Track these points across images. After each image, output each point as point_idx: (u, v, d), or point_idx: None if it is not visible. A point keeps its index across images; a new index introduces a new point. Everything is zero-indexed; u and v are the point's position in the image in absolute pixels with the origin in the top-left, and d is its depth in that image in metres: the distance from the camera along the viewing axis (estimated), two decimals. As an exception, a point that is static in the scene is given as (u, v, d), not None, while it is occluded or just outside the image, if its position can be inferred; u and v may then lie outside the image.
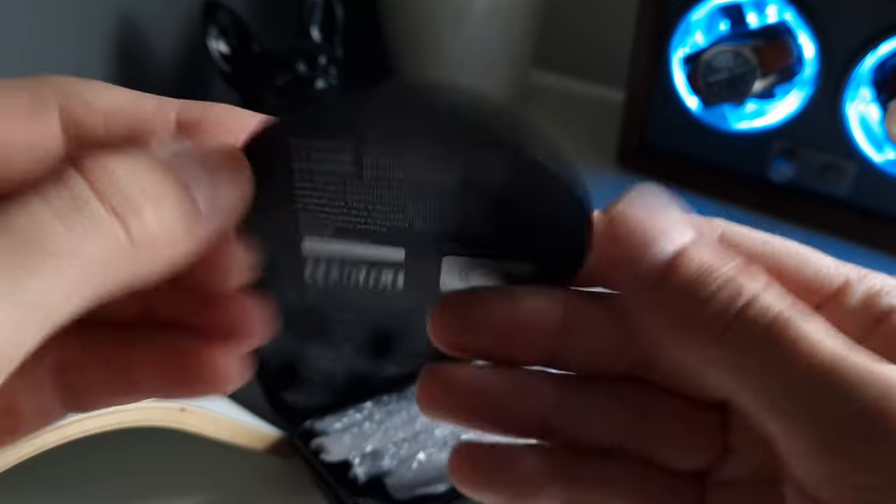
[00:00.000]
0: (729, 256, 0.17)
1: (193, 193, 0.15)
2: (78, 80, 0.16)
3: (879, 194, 0.58)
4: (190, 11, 0.66)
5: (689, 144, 0.65)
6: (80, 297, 0.13)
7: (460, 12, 0.68)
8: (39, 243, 0.13)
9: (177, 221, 0.15)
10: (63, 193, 0.13)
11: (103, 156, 0.14)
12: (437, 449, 0.35)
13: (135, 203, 0.14)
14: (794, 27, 0.57)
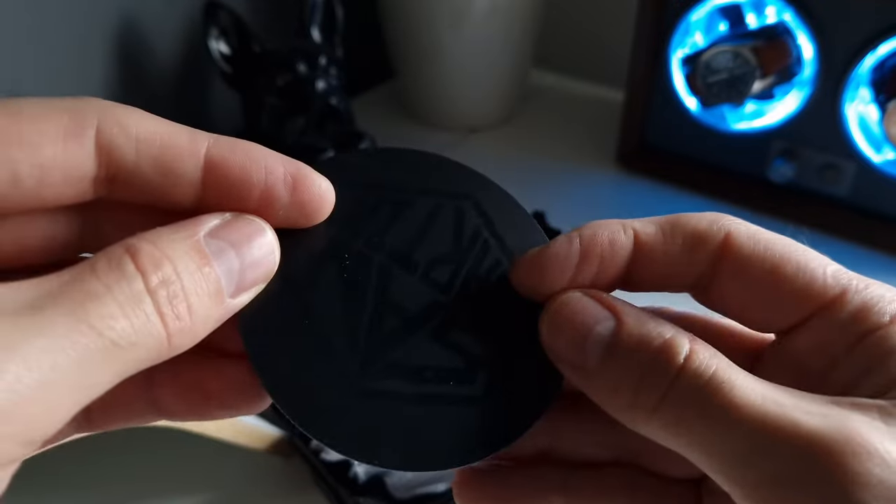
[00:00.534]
0: (651, 330, 0.17)
1: (226, 278, 0.16)
2: (117, 106, 0.17)
3: (878, 194, 0.59)
4: (190, 12, 0.66)
5: (688, 145, 0.65)
6: (121, 376, 0.14)
7: (460, 12, 0.68)
8: (105, 331, 0.14)
9: (211, 308, 0.16)
10: (122, 284, 0.14)
11: (152, 245, 0.15)
12: None
13: (178, 302, 0.15)
14: (793, 28, 0.57)
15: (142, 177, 0.16)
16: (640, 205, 0.66)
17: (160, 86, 0.68)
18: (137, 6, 0.63)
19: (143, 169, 0.16)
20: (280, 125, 0.61)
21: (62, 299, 0.14)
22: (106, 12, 0.62)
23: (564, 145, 0.74)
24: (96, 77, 0.63)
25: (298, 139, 0.61)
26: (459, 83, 0.73)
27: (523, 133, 0.77)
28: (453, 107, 0.75)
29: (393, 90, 0.82)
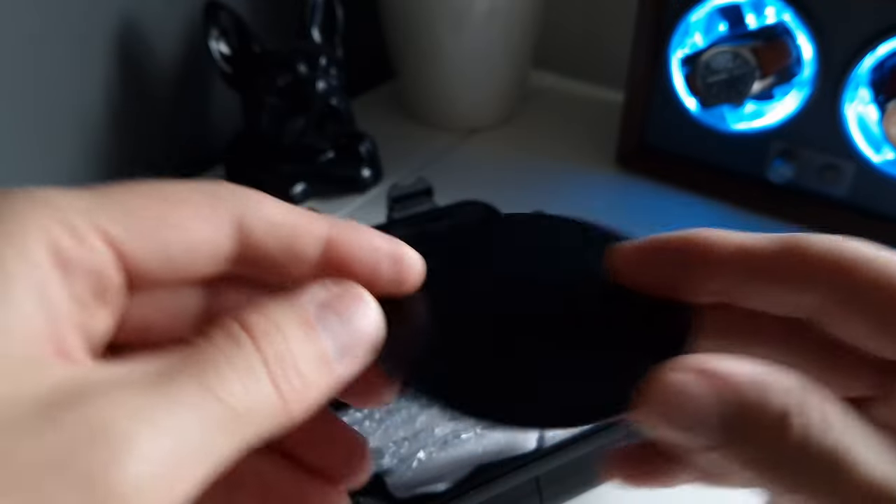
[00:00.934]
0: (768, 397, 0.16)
1: (333, 346, 0.17)
2: (248, 192, 0.18)
3: (878, 195, 0.59)
4: (191, 12, 0.67)
5: (688, 145, 0.65)
6: (242, 445, 0.15)
7: (460, 13, 0.68)
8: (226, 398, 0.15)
9: (320, 374, 0.17)
10: (237, 352, 0.15)
11: (263, 316, 0.16)
12: (438, 448, 0.35)
13: (288, 368, 0.16)
14: (793, 28, 0.57)
15: (268, 256, 0.18)
16: (640, 205, 0.66)
17: (160, 86, 0.68)
18: (138, 7, 0.63)
19: (270, 249, 0.18)
20: (280, 125, 0.61)
21: (185, 370, 0.15)
22: (106, 13, 0.62)
23: (564, 146, 0.74)
24: (97, 77, 0.63)
25: (298, 139, 0.61)
26: (459, 84, 0.74)
27: (523, 133, 0.77)
28: (453, 107, 0.76)
29: (393, 91, 0.82)
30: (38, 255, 0.16)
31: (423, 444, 0.35)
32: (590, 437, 0.35)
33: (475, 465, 0.34)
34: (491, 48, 0.71)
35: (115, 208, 0.17)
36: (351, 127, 0.64)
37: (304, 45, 0.63)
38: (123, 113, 0.66)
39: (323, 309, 0.17)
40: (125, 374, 0.15)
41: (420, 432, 0.37)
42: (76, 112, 0.62)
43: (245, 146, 0.67)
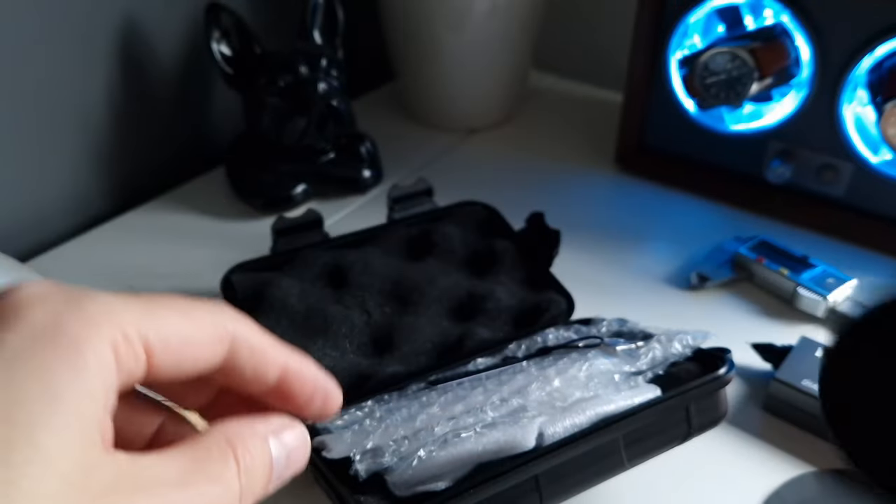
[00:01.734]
0: None
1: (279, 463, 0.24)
2: (242, 320, 0.24)
3: (875, 195, 0.59)
4: (192, 13, 0.67)
5: (686, 146, 0.66)
6: None
7: (460, 14, 0.69)
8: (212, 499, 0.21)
9: (267, 483, 0.23)
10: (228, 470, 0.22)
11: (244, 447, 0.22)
12: (438, 446, 0.35)
13: (252, 479, 0.22)
14: (791, 29, 0.57)
15: (241, 373, 0.24)
16: (638, 206, 0.66)
17: (162, 87, 0.68)
18: (140, 7, 0.64)
19: (246, 370, 0.24)
20: (281, 126, 0.61)
21: (195, 478, 0.21)
22: (108, 14, 0.62)
23: (563, 146, 0.74)
24: (99, 78, 0.63)
25: (299, 140, 0.62)
26: (459, 84, 0.74)
27: (523, 134, 0.77)
28: (453, 108, 0.76)
29: (393, 92, 0.83)
30: (107, 356, 0.20)
31: (422, 443, 0.35)
32: (589, 436, 0.35)
33: (475, 464, 0.34)
34: (491, 49, 0.72)
35: (155, 322, 0.21)
36: (351, 128, 0.64)
37: (305, 47, 0.63)
38: (125, 113, 0.66)
39: (275, 434, 0.24)
40: (156, 473, 0.20)
41: (420, 431, 0.37)
42: (78, 112, 0.63)
43: (246, 146, 0.67)
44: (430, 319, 0.47)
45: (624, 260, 0.59)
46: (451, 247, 0.52)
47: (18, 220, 0.62)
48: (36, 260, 0.59)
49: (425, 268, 0.50)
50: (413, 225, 0.54)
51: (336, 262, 0.50)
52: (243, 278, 0.48)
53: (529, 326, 0.47)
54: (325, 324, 0.46)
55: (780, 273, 0.54)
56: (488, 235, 0.54)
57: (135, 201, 0.67)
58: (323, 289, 0.49)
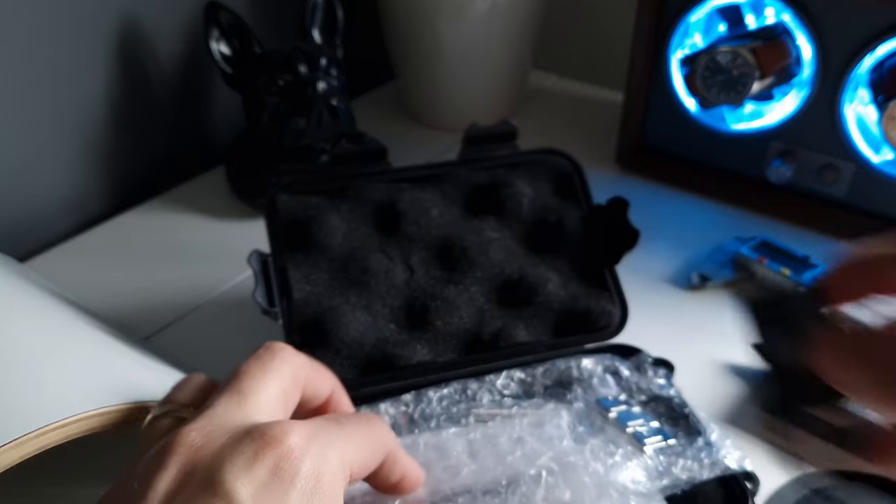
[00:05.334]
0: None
1: None
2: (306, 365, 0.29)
3: (876, 195, 0.59)
4: (192, 13, 0.67)
5: (687, 145, 0.66)
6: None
7: (460, 14, 0.68)
8: None
9: None
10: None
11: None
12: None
13: None
14: (792, 28, 0.57)
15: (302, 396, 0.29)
16: (640, 205, 0.66)
17: (161, 86, 0.68)
18: (139, 7, 0.64)
19: (307, 393, 0.29)
20: (281, 126, 0.61)
21: None
22: (107, 13, 0.62)
23: (564, 146, 0.74)
24: (99, 77, 0.63)
25: (298, 139, 0.62)
26: (459, 84, 0.74)
27: (523, 134, 0.76)
28: (453, 107, 0.76)
29: (393, 91, 0.83)
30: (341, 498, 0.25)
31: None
32: None
33: None
34: (491, 48, 0.72)
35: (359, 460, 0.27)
36: (351, 127, 0.64)
37: (305, 46, 0.63)
38: (124, 112, 0.66)
39: None
40: None
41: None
42: (78, 112, 0.63)
43: (246, 146, 0.67)
44: (471, 298, 0.45)
45: (625, 259, 0.59)
46: (518, 209, 0.47)
47: (17, 219, 0.62)
48: (35, 259, 0.59)
49: (483, 230, 0.46)
50: (484, 169, 0.49)
51: (391, 200, 0.46)
52: (290, 202, 0.45)
53: (571, 335, 0.45)
54: (363, 275, 0.44)
55: (781, 273, 0.54)
56: (564, 198, 0.49)
57: (134, 201, 0.67)
58: (370, 230, 0.46)
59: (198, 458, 0.23)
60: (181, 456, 0.24)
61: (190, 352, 0.49)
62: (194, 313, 0.54)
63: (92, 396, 0.34)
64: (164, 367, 0.41)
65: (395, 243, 0.46)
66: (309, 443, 0.24)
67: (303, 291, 0.44)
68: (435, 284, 0.45)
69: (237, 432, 0.24)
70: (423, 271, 0.45)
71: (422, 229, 0.46)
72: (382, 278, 0.44)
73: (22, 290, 0.45)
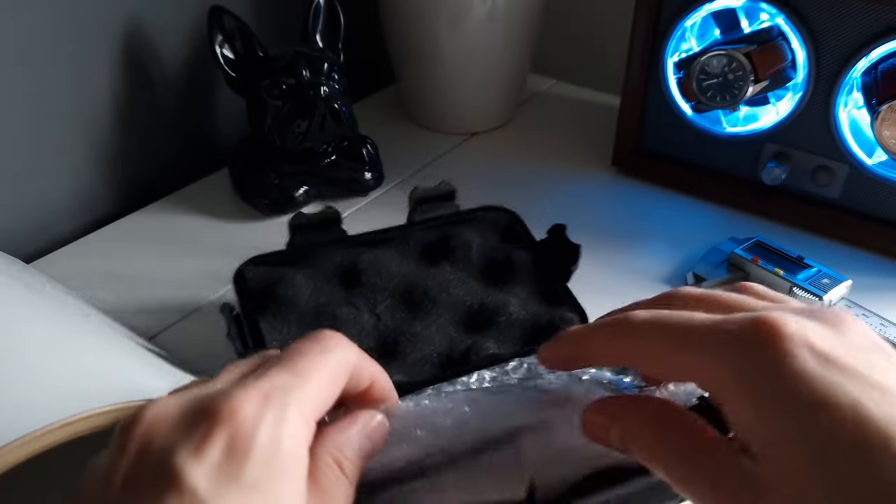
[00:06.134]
0: None
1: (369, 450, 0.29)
2: (353, 347, 0.28)
3: (870, 196, 0.59)
4: (196, 17, 0.67)
5: (683, 148, 0.66)
6: None
7: (459, 18, 0.69)
8: None
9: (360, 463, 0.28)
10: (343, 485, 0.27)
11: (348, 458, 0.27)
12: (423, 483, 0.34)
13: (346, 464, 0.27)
14: (787, 32, 0.58)
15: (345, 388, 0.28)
16: (636, 208, 0.67)
17: (166, 89, 0.69)
18: (143, 11, 0.64)
19: (349, 386, 0.28)
20: (284, 129, 0.62)
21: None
22: (112, 17, 0.63)
23: (561, 149, 0.75)
24: (104, 80, 0.64)
25: (301, 142, 0.62)
26: (459, 88, 0.74)
27: (521, 136, 0.78)
28: (453, 111, 0.77)
29: (394, 94, 0.83)
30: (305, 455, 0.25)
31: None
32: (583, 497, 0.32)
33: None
34: (490, 53, 0.72)
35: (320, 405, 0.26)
36: (353, 130, 0.65)
37: (308, 50, 0.64)
38: (129, 115, 0.67)
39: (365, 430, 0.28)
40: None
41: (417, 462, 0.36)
42: (83, 114, 0.63)
43: (249, 148, 0.67)
44: (439, 328, 0.47)
45: (620, 261, 0.60)
46: (468, 254, 0.51)
47: (23, 221, 0.62)
48: (41, 261, 0.60)
49: (440, 274, 0.50)
50: (432, 228, 0.53)
51: (351, 262, 0.49)
52: (256, 272, 0.48)
53: (539, 344, 0.46)
54: (333, 323, 0.46)
55: (775, 273, 0.54)
56: (509, 243, 0.53)
57: (139, 203, 0.68)
58: (335, 288, 0.49)
59: (151, 436, 0.23)
60: (136, 434, 0.23)
61: (195, 351, 0.50)
62: (199, 313, 0.55)
63: (96, 395, 0.34)
64: (169, 367, 0.41)
65: (359, 295, 0.48)
66: (262, 409, 0.23)
67: (276, 340, 0.45)
68: (402, 323, 0.47)
69: (190, 408, 0.24)
70: (390, 315, 0.48)
71: (383, 280, 0.49)
72: (352, 324, 0.46)
73: (26, 290, 0.45)
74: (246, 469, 0.22)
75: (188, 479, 0.22)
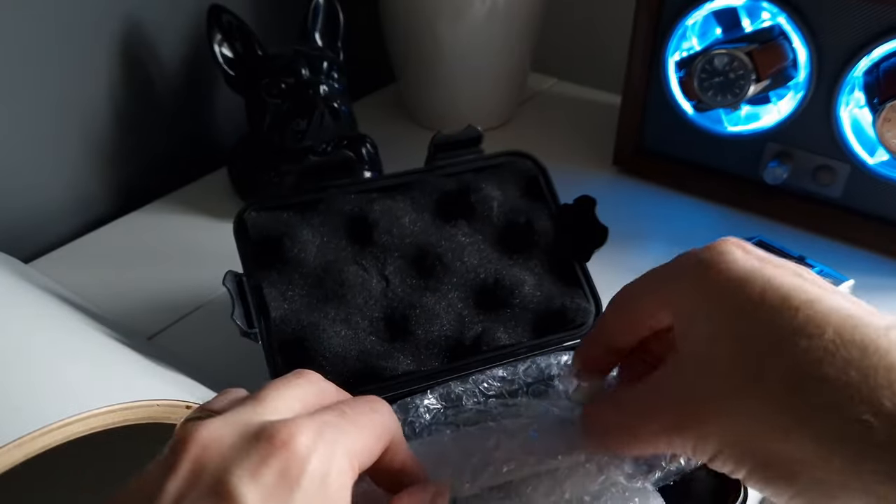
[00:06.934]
0: None
1: None
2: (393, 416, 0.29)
3: (871, 196, 0.59)
4: (195, 16, 0.67)
5: (684, 147, 0.66)
6: None
7: (460, 17, 0.69)
8: None
9: None
10: None
11: None
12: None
13: None
14: (788, 31, 0.58)
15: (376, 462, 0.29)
16: (637, 207, 0.67)
17: (164, 88, 0.69)
18: (142, 10, 0.64)
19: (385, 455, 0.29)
20: (283, 128, 0.62)
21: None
22: (111, 16, 0.63)
23: (562, 148, 0.75)
24: (102, 79, 0.64)
25: (300, 141, 0.62)
26: (459, 86, 0.74)
27: (522, 135, 0.78)
28: (453, 109, 0.76)
29: (394, 93, 0.83)
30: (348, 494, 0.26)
31: None
32: None
33: None
34: (490, 51, 0.72)
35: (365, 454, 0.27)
36: (352, 129, 0.65)
37: (307, 49, 0.64)
38: (128, 114, 0.67)
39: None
40: None
41: None
42: (82, 114, 0.63)
43: (248, 148, 0.67)
44: (449, 304, 0.45)
45: (621, 260, 0.60)
46: (487, 213, 0.48)
47: (22, 221, 0.62)
48: (39, 261, 0.60)
49: (455, 236, 0.47)
50: (452, 175, 0.49)
51: (362, 213, 0.46)
52: (260, 220, 0.45)
53: (550, 335, 0.45)
54: (340, 288, 0.44)
55: (776, 273, 0.54)
56: (532, 200, 0.49)
57: (138, 202, 0.68)
58: (343, 243, 0.46)
59: (207, 457, 0.24)
60: (191, 454, 0.24)
61: (193, 351, 0.49)
62: (197, 313, 0.55)
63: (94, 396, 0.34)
64: (167, 368, 0.41)
65: (369, 254, 0.46)
66: (316, 441, 0.24)
67: (280, 309, 0.43)
68: (412, 293, 0.45)
69: (246, 432, 0.24)
70: (399, 280, 0.45)
71: (395, 238, 0.46)
72: (359, 290, 0.44)
73: (25, 290, 0.45)
74: (295, 496, 0.23)
75: (242, 499, 0.22)
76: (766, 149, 0.62)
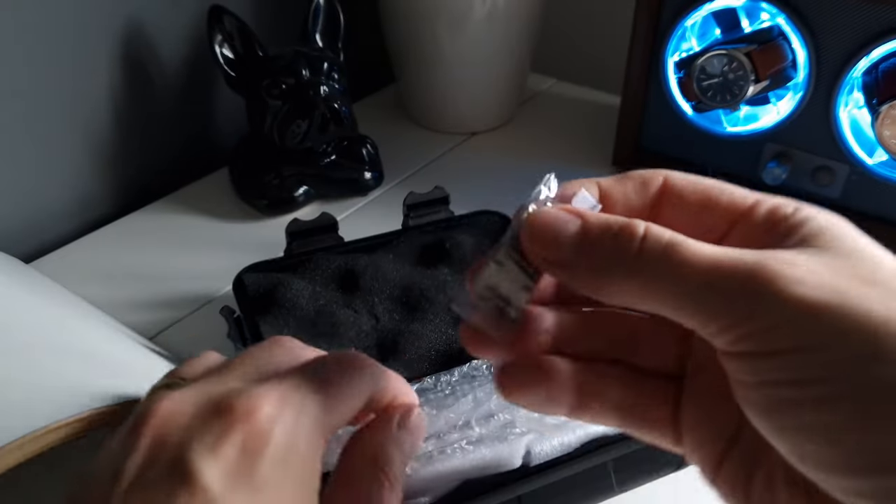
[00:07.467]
0: (611, 219, 0.22)
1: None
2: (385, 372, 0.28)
3: (870, 196, 0.59)
4: (195, 17, 0.67)
5: (683, 148, 0.66)
6: None
7: (460, 18, 0.69)
8: None
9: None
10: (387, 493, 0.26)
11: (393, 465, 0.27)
12: (422, 463, 0.34)
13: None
14: (787, 32, 0.58)
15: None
16: (637, 207, 0.66)
17: (165, 89, 0.69)
18: (143, 10, 0.64)
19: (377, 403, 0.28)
20: (283, 128, 0.62)
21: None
22: (111, 16, 0.63)
23: (562, 149, 0.75)
24: (103, 80, 0.64)
25: (301, 142, 0.62)
26: (459, 87, 0.74)
27: (521, 136, 0.78)
28: (453, 110, 0.76)
29: (394, 94, 0.83)
30: (318, 464, 0.25)
31: None
32: (577, 459, 0.35)
33: (460, 481, 0.34)
34: (490, 52, 0.72)
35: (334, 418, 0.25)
36: (353, 130, 0.65)
37: (307, 50, 0.64)
38: (129, 115, 0.67)
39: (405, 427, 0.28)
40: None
41: None
42: (82, 114, 0.63)
43: (249, 149, 0.67)
44: (436, 327, 0.47)
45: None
46: (462, 255, 0.52)
47: (22, 221, 0.62)
48: (40, 261, 0.60)
49: (436, 275, 0.50)
50: (427, 232, 0.54)
51: (348, 267, 0.50)
52: (255, 278, 0.49)
53: None
54: (332, 327, 0.46)
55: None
56: None
57: (138, 203, 0.68)
58: (334, 292, 0.49)
59: (167, 432, 0.23)
60: (150, 429, 0.23)
61: (194, 351, 0.50)
62: (198, 313, 0.55)
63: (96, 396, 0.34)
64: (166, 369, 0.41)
65: (358, 298, 0.49)
66: (281, 410, 0.23)
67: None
68: (401, 323, 0.47)
69: (208, 404, 0.23)
70: (388, 317, 0.48)
71: (380, 283, 0.49)
72: (351, 327, 0.46)
73: (26, 290, 0.45)
74: (258, 468, 0.22)
75: (202, 477, 0.21)
76: (765, 149, 0.62)
